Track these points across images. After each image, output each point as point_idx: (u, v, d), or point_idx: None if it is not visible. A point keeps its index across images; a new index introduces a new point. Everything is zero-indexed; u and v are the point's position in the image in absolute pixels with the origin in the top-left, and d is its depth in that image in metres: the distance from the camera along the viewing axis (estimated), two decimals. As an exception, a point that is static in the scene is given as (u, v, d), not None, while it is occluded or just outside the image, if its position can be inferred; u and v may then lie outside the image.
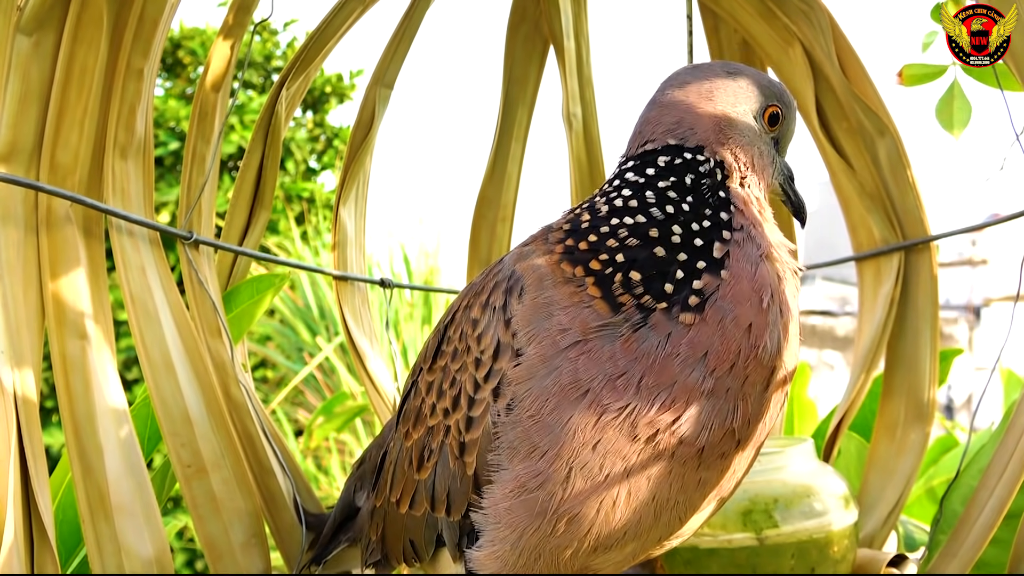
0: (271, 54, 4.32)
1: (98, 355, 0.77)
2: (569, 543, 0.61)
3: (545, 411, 0.58)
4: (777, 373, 0.61)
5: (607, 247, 0.60)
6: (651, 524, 0.62)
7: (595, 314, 0.59)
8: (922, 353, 1.03)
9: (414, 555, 0.73)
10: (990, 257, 7.61)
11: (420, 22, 1.10)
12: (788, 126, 0.69)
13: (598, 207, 0.64)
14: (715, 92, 0.66)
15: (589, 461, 0.58)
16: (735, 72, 0.68)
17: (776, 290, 0.60)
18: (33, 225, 0.76)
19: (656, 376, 0.57)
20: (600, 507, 0.59)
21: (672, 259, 0.59)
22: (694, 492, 0.62)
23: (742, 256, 0.60)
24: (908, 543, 1.14)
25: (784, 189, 0.70)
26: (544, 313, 0.60)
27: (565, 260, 0.61)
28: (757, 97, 0.67)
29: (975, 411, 0.98)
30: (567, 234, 0.63)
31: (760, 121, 0.67)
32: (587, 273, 0.60)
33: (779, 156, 0.69)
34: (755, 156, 0.66)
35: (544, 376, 0.59)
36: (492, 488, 0.62)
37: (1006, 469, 0.82)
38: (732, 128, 0.65)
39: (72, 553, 0.87)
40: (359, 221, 1.13)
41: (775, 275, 0.61)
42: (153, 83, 0.84)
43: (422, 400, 0.70)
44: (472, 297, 0.67)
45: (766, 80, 0.68)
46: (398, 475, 0.73)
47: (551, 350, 0.59)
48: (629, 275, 0.59)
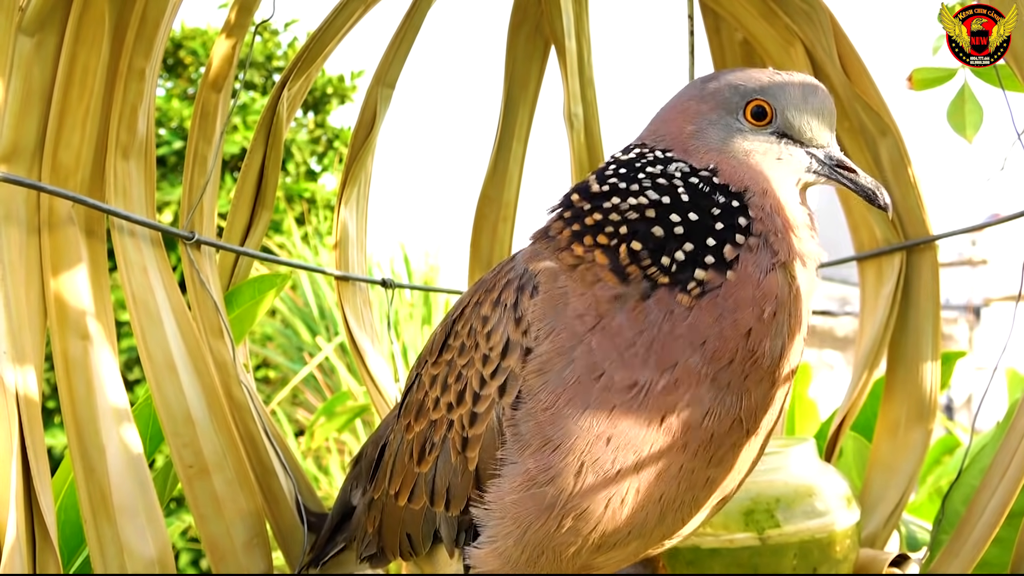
0: (272, 54, 4.32)
1: (100, 355, 0.77)
2: (573, 540, 0.61)
3: (560, 403, 0.59)
4: (779, 373, 0.61)
5: (611, 221, 0.61)
6: (656, 523, 0.62)
7: (606, 286, 0.60)
8: (924, 353, 1.03)
9: (410, 549, 0.73)
10: (990, 257, 7.60)
11: (421, 22, 1.10)
12: (791, 116, 0.64)
13: (591, 186, 0.64)
14: (683, 103, 0.66)
15: (601, 456, 0.58)
16: (710, 78, 0.67)
17: (784, 301, 0.60)
18: (35, 225, 0.76)
19: (659, 352, 0.58)
20: (608, 504, 0.60)
21: (671, 238, 0.60)
22: (701, 491, 0.62)
23: (752, 262, 0.59)
24: (910, 543, 1.14)
25: (835, 179, 0.64)
26: (560, 304, 0.61)
27: (575, 241, 0.62)
28: (731, 96, 0.64)
29: (976, 411, 0.98)
30: (569, 221, 0.63)
31: (742, 119, 0.64)
32: (595, 245, 0.61)
33: (798, 148, 0.64)
34: (742, 157, 0.63)
35: (562, 368, 0.59)
36: (498, 482, 0.62)
37: (1008, 469, 0.82)
38: (699, 135, 0.64)
39: (74, 553, 0.87)
40: (360, 221, 1.13)
41: (786, 284, 0.60)
42: (155, 83, 0.84)
43: (425, 393, 0.70)
44: (483, 294, 0.67)
45: (747, 76, 0.65)
46: (398, 467, 0.73)
47: (568, 341, 0.60)
48: (631, 245, 0.60)
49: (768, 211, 0.61)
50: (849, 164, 0.64)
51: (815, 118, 0.64)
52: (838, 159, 0.64)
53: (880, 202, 0.63)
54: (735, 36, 1.12)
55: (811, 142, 0.64)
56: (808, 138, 0.64)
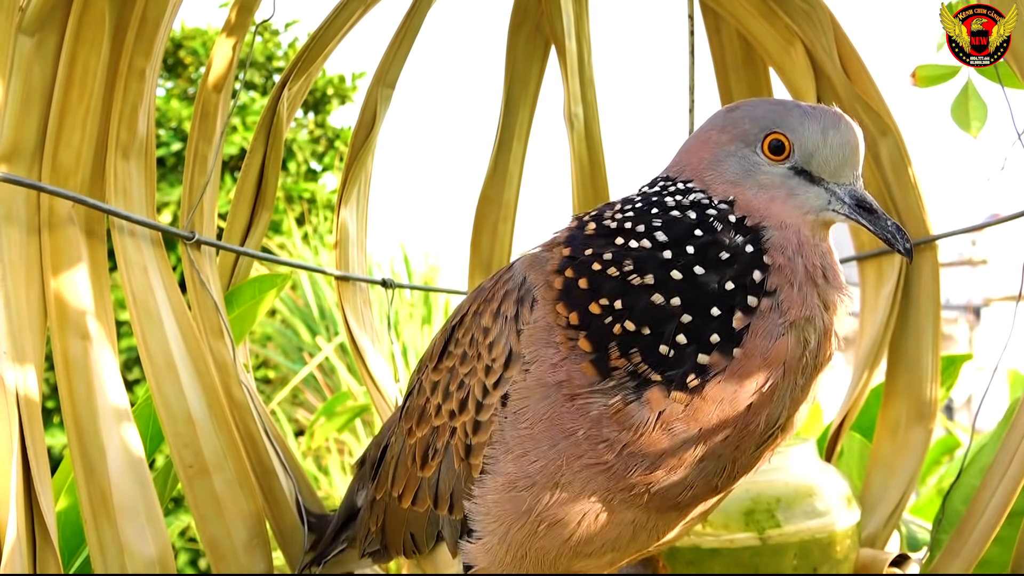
0: (273, 55, 4.32)
1: (100, 355, 0.77)
2: (552, 546, 0.62)
3: (537, 429, 0.59)
4: (773, 438, 0.60)
5: (607, 281, 0.57)
6: (628, 540, 0.63)
7: (581, 375, 0.56)
8: (924, 352, 1.03)
9: (414, 548, 0.74)
10: (990, 257, 7.61)
11: (422, 22, 1.10)
12: (809, 151, 0.60)
13: (604, 218, 0.61)
14: (707, 132, 0.64)
15: (573, 481, 0.59)
16: (733, 107, 0.64)
17: (792, 367, 0.56)
18: (35, 225, 0.76)
19: (642, 447, 0.56)
20: (582, 520, 0.61)
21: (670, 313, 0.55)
22: (676, 519, 0.63)
23: (762, 330, 0.55)
24: (911, 543, 1.14)
25: (854, 219, 0.60)
26: (544, 339, 0.59)
27: (561, 302, 0.58)
28: (750, 128, 0.61)
29: (977, 411, 0.98)
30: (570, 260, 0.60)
31: (760, 153, 0.61)
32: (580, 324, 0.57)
33: (816, 186, 0.60)
34: (756, 192, 0.60)
35: (539, 399, 0.59)
36: (485, 479, 0.63)
37: (1008, 468, 0.82)
38: (716, 166, 0.61)
39: (74, 553, 0.87)
40: (361, 221, 1.13)
41: (797, 348, 0.56)
42: (155, 83, 0.84)
43: (427, 399, 0.71)
44: (483, 303, 0.67)
45: (768, 107, 0.62)
46: (400, 470, 0.73)
47: (546, 377, 0.59)
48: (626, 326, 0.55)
49: (787, 252, 0.57)
50: (871, 204, 0.60)
51: (835, 154, 0.60)
52: (859, 197, 0.60)
53: (900, 247, 0.59)
54: (735, 36, 1.12)
55: (831, 179, 0.61)
56: (828, 175, 0.61)
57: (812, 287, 0.57)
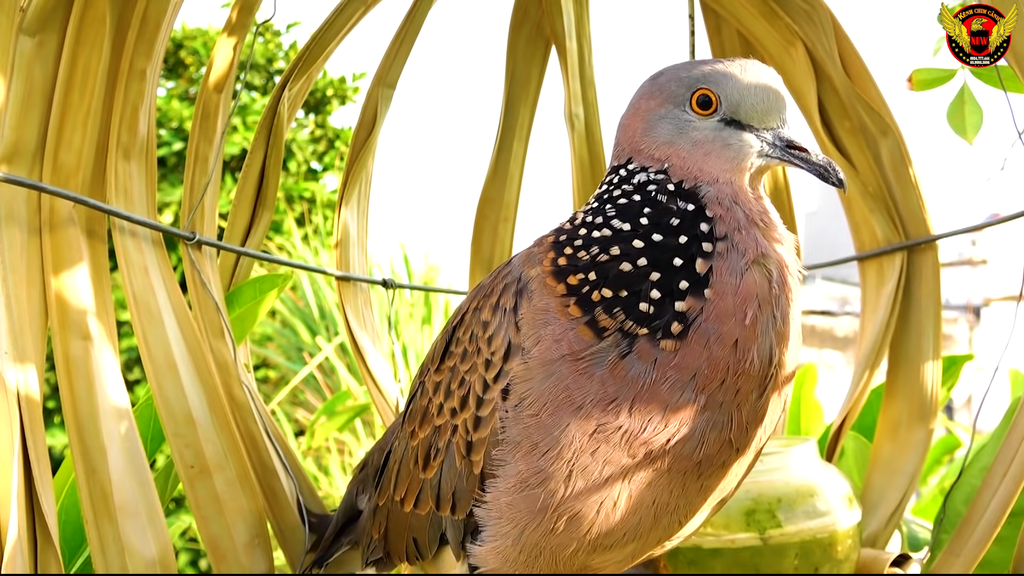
0: (273, 56, 4.32)
1: (101, 355, 0.77)
2: (569, 542, 0.61)
3: (544, 413, 0.59)
4: (772, 379, 0.60)
5: (581, 261, 0.61)
6: (651, 526, 0.62)
7: (579, 339, 0.59)
8: (925, 352, 1.03)
9: (417, 554, 0.73)
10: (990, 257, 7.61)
11: (422, 23, 1.10)
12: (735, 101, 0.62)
13: (577, 216, 0.65)
14: (636, 102, 0.66)
15: (589, 465, 0.59)
16: (657, 74, 0.66)
17: (765, 299, 0.59)
18: (36, 226, 0.76)
19: (646, 402, 0.58)
20: (600, 508, 0.60)
21: (641, 275, 0.59)
22: (695, 496, 0.63)
23: (726, 269, 0.59)
24: (912, 543, 1.14)
25: (787, 160, 0.62)
26: (543, 319, 0.61)
27: (550, 275, 0.62)
28: (676, 89, 0.63)
29: (977, 412, 0.98)
30: (555, 246, 0.64)
31: (689, 110, 0.63)
32: (568, 292, 0.60)
33: (748, 133, 0.63)
34: (691, 148, 0.62)
35: (543, 379, 0.59)
36: (495, 482, 0.62)
37: (1009, 468, 0.82)
38: (649, 132, 0.64)
39: (75, 553, 0.87)
40: (361, 221, 1.13)
41: (764, 281, 0.59)
42: (156, 84, 0.84)
43: (429, 400, 0.71)
44: (482, 299, 0.67)
45: (691, 67, 0.65)
46: (403, 474, 0.73)
47: (549, 354, 0.60)
48: (603, 292, 0.59)
49: (724, 203, 0.61)
50: (800, 143, 0.62)
51: (761, 101, 0.63)
52: (787, 139, 0.62)
53: (833, 179, 0.61)
54: (736, 36, 1.12)
55: (760, 125, 0.63)
56: (756, 122, 0.63)
57: (756, 229, 0.61)
